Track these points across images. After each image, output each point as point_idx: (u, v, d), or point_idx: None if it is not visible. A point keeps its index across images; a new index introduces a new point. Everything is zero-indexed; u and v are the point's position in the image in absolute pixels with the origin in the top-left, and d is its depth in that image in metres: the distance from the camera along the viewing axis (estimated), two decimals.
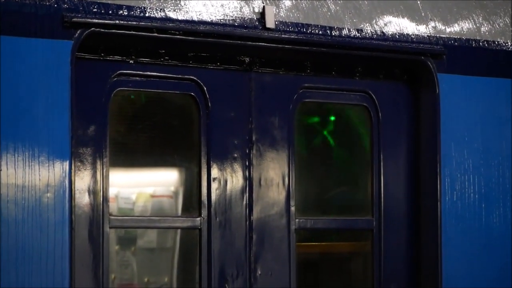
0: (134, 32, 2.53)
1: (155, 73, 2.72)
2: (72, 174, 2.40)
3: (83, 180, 2.52)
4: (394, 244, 3.21)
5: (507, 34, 3.48)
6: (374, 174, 3.22)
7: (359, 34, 3.01)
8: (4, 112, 2.32)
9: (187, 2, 2.68)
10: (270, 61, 2.91)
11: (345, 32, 2.97)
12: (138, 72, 2.67)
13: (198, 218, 2.77)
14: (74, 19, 2.39)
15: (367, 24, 3.04)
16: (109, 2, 2.52)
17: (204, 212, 2.77)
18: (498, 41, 3.44)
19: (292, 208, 2.97)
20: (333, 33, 2.93)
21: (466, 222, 3.31)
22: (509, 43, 3.47)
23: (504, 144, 3.40)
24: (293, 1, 2.89)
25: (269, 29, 2.74)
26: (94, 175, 2.57)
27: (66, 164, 2.38)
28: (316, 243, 3.47)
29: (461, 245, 3.24)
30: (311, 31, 2.88)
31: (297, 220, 2.98)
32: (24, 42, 2.38)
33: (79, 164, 2.52)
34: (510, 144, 3.43)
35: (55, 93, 2.40)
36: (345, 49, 2.98)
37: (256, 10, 2.78)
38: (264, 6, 2.78)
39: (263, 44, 2.78)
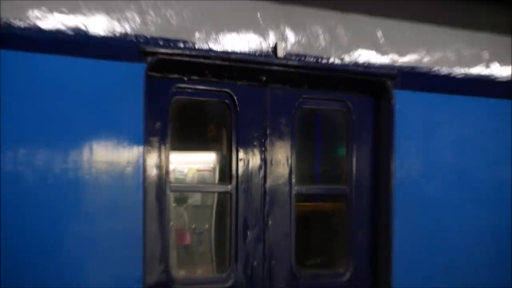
0: (187, 59, 2.52)
1: (202, 87, 2.70)
2: (145, 155, 2.43)
3: (152, 159, 2.50)
4: (361, 205, 3.18)
5: (443, 61, 3.41)
6: (349, 158, 3.17)
7: (340, 62, 2.95)
8: (102, 114, 2.35)
9: (223, 38, 2.66)
10: (280, 79, 2.86)
11: (331, 60, 2.92)
12: (190, 86, 2.65)
13: (229, 186, 2.75)
14: (147, 49, 2.36)
15: (347, 55, 2.98)
16: (170, 37, 2.52)
17: (233, 182, 2.75)
18: (436, 67, 3.35)
19: (293, 180, 2.94)
20: (323, 61, 2.88)
21: (410, 191, 3.24)
22: (443, 69, 3.38)
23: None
24: (296, 38, 2.84)
25: (279, 57, 2.70)
26: (159, 156, 2.55)
27: (141, 148, 2.38)
28: (309, 203, 3.42)
29: (407, 206, 3.16)
30: (308, 59, 2.83)
31: (296, 187, 2.95)
32: (113, 64, 2.36)
33: (149, 148, 2.49)
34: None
35: (133, 100, 2.40)
36: (331, 72, 2.93)
37: (271, 45, 2.75)
38: (276, 42, 2.75)
39: (275, 67, 2.75)
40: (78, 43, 2.26)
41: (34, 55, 2.16)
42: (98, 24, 2.30)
